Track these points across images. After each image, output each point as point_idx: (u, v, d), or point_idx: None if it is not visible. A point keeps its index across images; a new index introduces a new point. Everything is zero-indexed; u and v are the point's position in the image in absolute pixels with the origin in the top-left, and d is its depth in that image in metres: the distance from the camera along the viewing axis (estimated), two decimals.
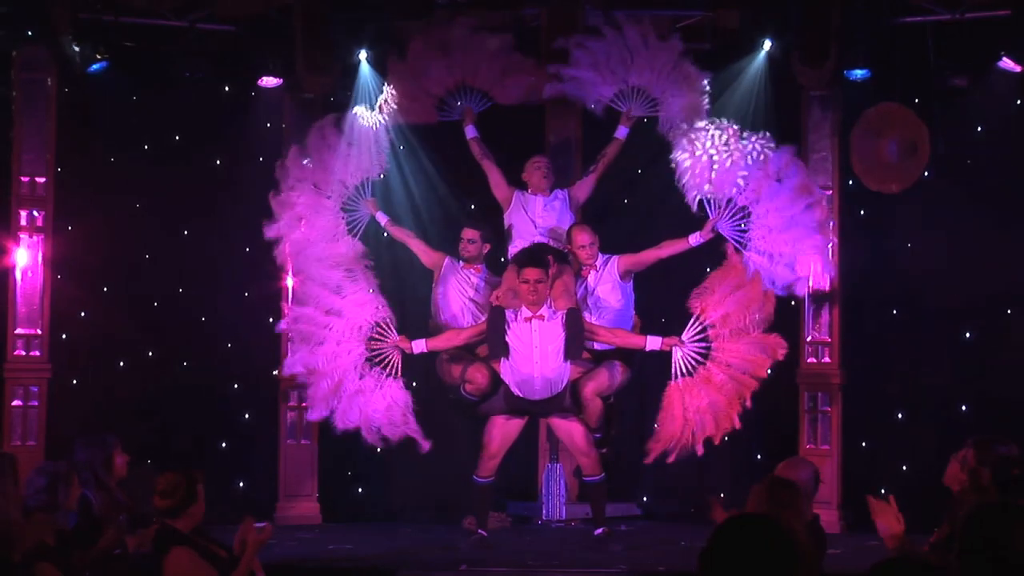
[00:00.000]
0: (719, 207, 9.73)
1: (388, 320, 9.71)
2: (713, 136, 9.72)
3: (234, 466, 11.13)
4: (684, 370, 9.45)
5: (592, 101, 10.29)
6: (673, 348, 9.41)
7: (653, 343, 9.44)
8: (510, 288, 9.59)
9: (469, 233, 9.99)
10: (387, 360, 9.69)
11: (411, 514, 11.10)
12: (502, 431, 9.52)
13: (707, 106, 10.07)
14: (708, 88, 10.12)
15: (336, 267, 9.87)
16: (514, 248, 10.05)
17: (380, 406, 9.58)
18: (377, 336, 9.69)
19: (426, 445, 9.62)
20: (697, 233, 9.71)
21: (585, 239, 9.79)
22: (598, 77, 10.21)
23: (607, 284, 9.81)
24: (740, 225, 9.77)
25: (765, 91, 10.64)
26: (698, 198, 9.75)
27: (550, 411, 9.56)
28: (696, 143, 9.73)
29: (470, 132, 10.33)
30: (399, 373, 9.68)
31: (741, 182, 9.68)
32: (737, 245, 9.73)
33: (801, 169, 9.86)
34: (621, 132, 10.19)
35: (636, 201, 11.30)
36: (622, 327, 9.74)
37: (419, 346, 9.66)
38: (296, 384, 10.85)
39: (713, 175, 9.67)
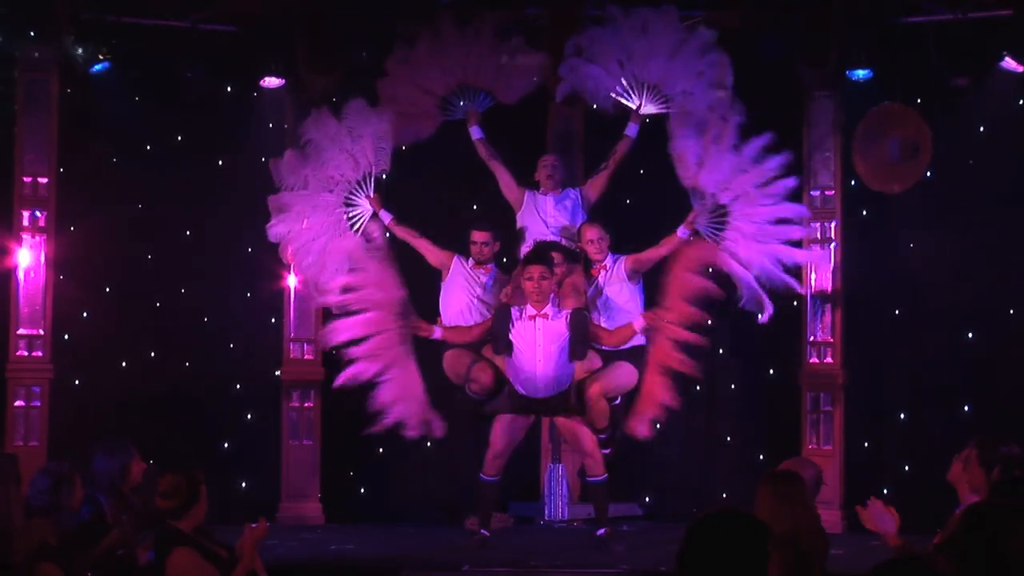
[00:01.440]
0: (702, 199, 9.62)
1: (407, 300, 9.57)
2: (715, 127, 9.64)
3: (236, 466, 11.13)
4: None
5: (601, 97, 10.18)
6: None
7: (638, 324, 9.39)
8: (518, 286, 9.58)
9: (480, 235, 9.86)
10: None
11: (414, 514, 11.10)
12: (508, 430, 9.49)
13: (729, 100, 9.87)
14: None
15: (343, 262, 9.79)
16: (527, 248, 9.98)
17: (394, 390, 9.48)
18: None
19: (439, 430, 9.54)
20: (683, 226, 9.64)
21: (593, 234, 9.73)
22: (605, 72, 10.10)
23: (616, 284, 9.76)
24: (718, 223, 9.65)
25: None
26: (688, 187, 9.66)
27: (555, 410, 9.53)
28: (695, 129, 9.65)
29: (475, 133, 10.19)
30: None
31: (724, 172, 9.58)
32: (710, 239, 9.60)
33: (787, 180, 9.71)
34: (632, 130, 9.99)
35: (642, 200, 11.26)
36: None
37: (437, 332, 9.59)
38: (299, 383, 10.90)
39: (702, 166, 9.57)
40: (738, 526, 3.73)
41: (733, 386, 11.26)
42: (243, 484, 11.17)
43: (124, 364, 11.10)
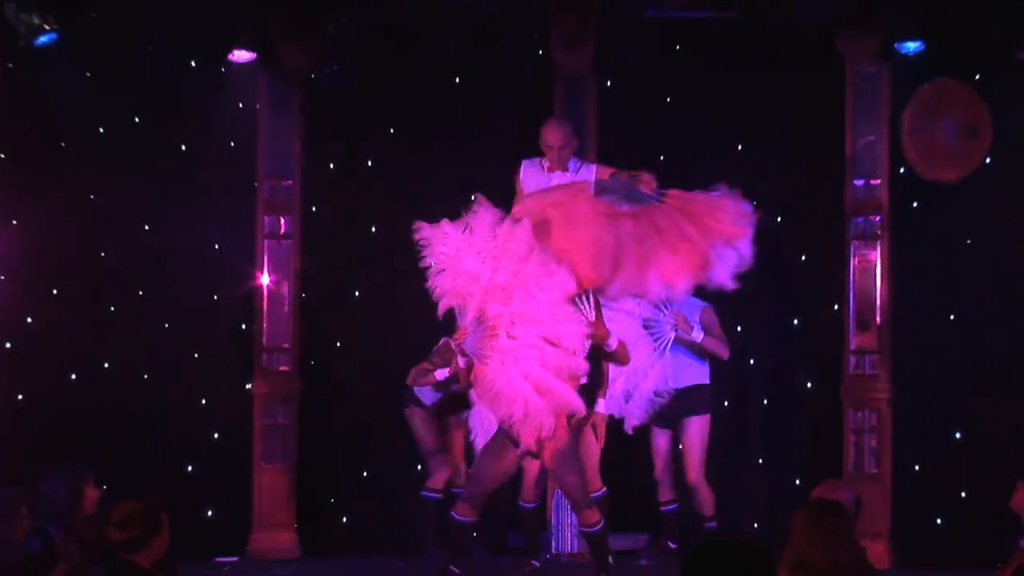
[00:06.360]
0: None
1: None
2: None
3: (202, 492, 11.11)
4: None
5: None
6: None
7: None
8: None
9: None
10: None
11: (398, 546, 11.07)
12: None
13: None
14: None
15: None
16: None
17: None
18: None
19: None
20: None
21: None
22: None
23: None
24: None
25: None
26: None
27: None
28: None
29: None
30: None
31: None
32: None
33: None
34: None
35: None
36: None
37: None
38: (273, 398, 10.91)
39: None
40: (737, 556, 3.77)
41: (766, 401, 11.24)
42: (209, 512, 11.16)
43: (74, 376, 11.05)
